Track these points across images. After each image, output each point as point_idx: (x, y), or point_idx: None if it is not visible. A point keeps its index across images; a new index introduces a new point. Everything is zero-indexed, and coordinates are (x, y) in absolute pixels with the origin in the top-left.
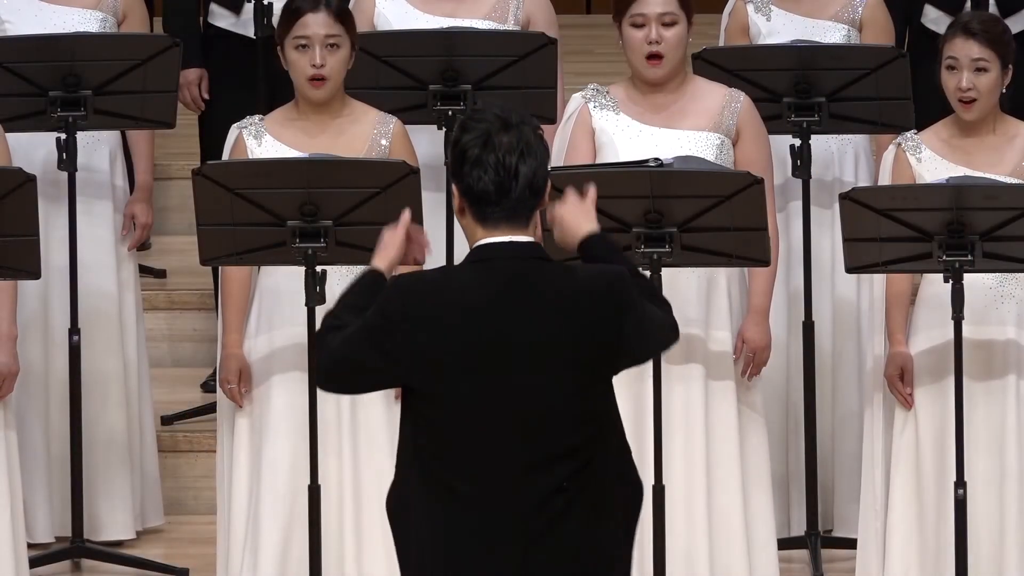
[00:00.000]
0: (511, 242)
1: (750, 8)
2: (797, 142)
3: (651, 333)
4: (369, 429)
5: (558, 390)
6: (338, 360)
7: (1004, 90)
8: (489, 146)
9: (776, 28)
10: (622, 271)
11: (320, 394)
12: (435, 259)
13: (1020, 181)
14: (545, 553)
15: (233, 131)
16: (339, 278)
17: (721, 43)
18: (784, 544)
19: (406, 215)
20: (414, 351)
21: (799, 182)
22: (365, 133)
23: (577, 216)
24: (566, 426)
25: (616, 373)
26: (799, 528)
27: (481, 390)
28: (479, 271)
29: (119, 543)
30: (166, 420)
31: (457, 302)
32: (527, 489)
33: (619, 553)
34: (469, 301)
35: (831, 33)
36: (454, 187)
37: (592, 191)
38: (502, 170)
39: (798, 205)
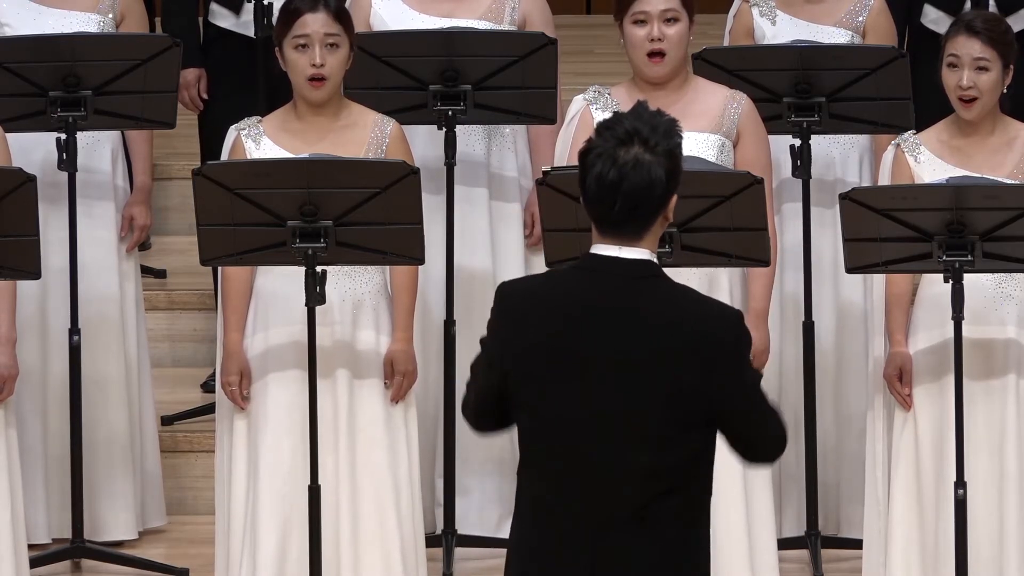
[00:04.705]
0: (619, 258)
1: (755, 12)
2: (797, 142)
3: (765, 417)
4: (366, 427)
5: (636, 411)
6: (472, 399)
7: (1005, 90)
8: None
9: (780, 33)
10: (741, 316)
11: (318, 393)
12: (435, 259)
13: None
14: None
15: (231, 133)
16: (336, 280)
17: (725, 45)
18: (784, 544)
19: None
20: (506, 351)
21: (795, 183)
22: (362, 138)
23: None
24: (643, 450)
25: (714, 422)
26: (790, 528)
27: (561, 398)
28: (584, 278)
29: (120, 543)
30: (166, 420)
31: (552, 306)
32: (599, 506)
33: None
34: (564, 306)
35: (835, 39)
36: None
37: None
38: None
39: (793, 207)
